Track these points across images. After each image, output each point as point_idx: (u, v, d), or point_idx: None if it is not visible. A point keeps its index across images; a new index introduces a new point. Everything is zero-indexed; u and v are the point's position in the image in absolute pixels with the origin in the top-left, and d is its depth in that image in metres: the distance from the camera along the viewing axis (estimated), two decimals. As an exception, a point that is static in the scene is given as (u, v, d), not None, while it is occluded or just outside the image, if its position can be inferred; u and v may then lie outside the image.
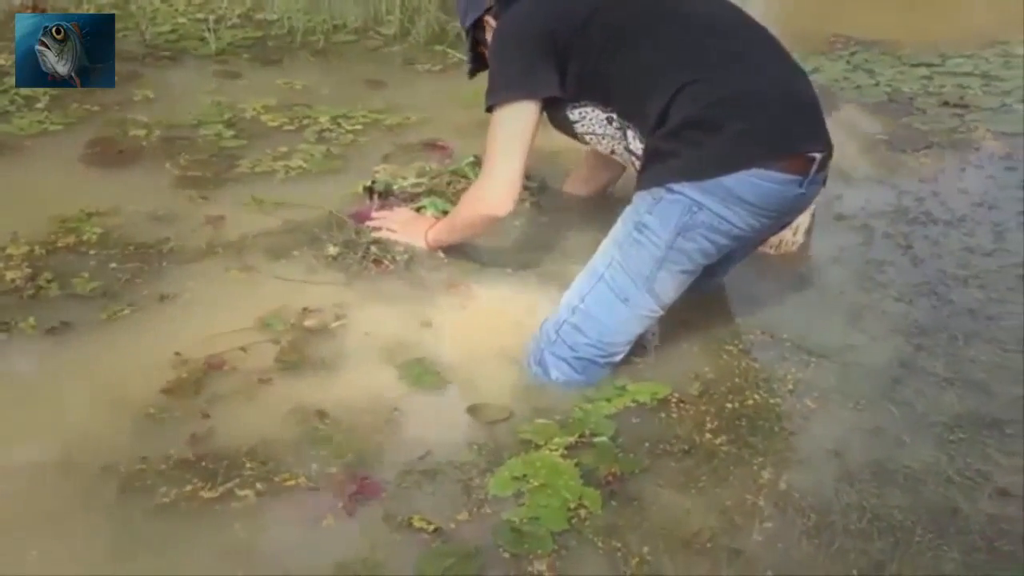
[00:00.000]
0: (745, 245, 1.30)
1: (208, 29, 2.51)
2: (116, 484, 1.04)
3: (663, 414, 1.19)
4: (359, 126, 2.03)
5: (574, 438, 1.12)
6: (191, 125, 2.00)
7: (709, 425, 1.17)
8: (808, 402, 1.24)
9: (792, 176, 1.15)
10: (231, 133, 1.97)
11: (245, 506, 1.02)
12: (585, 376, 1.23)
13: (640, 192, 1.20)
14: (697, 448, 1.13)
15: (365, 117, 2.07)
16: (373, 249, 1.49)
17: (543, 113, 1.30)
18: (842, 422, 1.21)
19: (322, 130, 2.00)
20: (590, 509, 1.03)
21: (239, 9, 2.74)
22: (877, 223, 1.74)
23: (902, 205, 1.82)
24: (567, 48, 1.23)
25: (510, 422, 1.16)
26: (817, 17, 3.02)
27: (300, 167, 1.82)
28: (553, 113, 1.32)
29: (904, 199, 1.85)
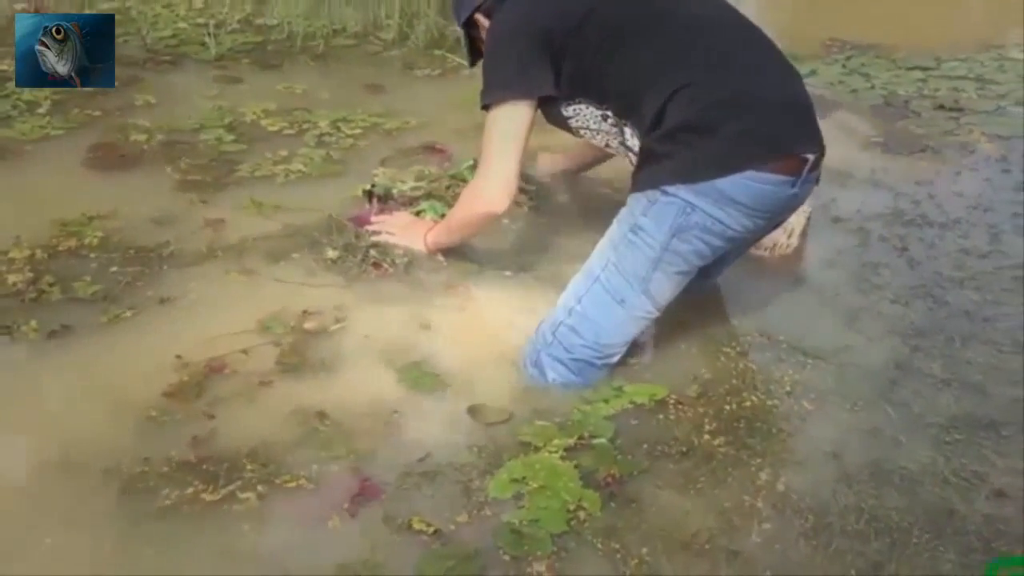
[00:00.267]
0: (739, 246, 1.30)
1: (208, 34, 2.52)
2: (118, 486, 1.04)
3: (661, 416, 1.20)
4: (359, 130, 2.04)
5: (573, 440, 1.13)
6: (192, 129, 2.00)
7: (707, 427, 1.18)
8: (805, 404, 1.25)
9: (785, 177, 1.16)
10: (231, 137, 1.97)
11: (246, 508, 1.02)
12: (581, 378, 1.23)
13: (635, 194, 1.20)
14: (695, 450, 1.14)
15: (364, 121, 2.08)
16: (372, 252, 1.50)
17: (537, 110, 1.30)
18: (839, 423, 1.21)
19: (322, 134, 2.01)
20: (589, 511, 1.03)
21: (239, 14, 2.75)
22: (873, 225, 1.75)
23: (898, 208, 1.83)
24: (562, 48, 1.23)
25: (509, 424, 1.17)
26: (812, 21, 3.04)
27: (300, 171, 1.83)
28: (547, 109, 1.32)
29: (900, 202, 1.86)
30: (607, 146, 1.35)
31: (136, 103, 2.14)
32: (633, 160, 1.27)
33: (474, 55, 1.40)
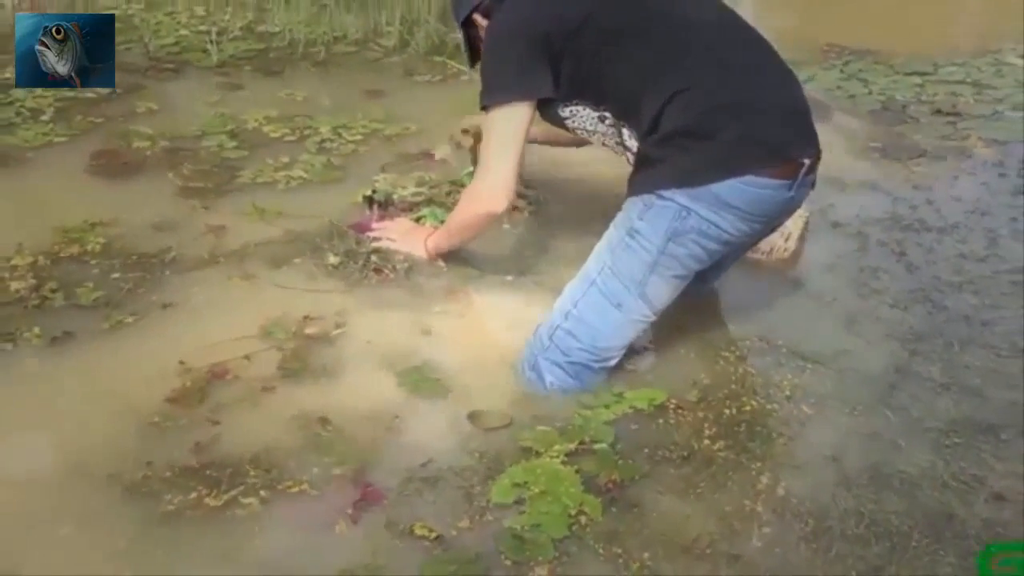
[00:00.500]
0: (736, 250, 1.31)
1: (210, 41, 2.53)
2: (121, 492, 1.05)
3: (661, 420, 1.20)
4: (359, 136, 2.05)
5: (574, 445, 1.14)
6: (194, 136, 2.01)
7: (707, 431, 1.19)
8: (805, 408, 1.25)
9: (781, 181, 1.17)
10: (233, 144, 1.98)
11: (249, 513, 1.03)
12: (579, 381, 1.24)
13: (631, 198, 1.21)
14: (696, 454, 1.15)
15: (365, 127, 2.09)
16: (373, 258, 1.51)
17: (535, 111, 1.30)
18: (839, 428, 1.22)
19: (323, 140, 2.02)
20: (591, 516, 1.04)
21: (241, 21, 2.76)
22: (871, 230, 1.76)
23: (896, 212, 1.84)
24: (561, 50, 1.24)
25: (511, 429, 1.17)
26: (810, 26, 3.05)
27: (301, 177, 1.84)
28: (544, 108, 1.32)
29: (898, 206, 1.86)
30: (604, 145, 1.35)
31: (138, 110, 2.15)
32: (631, 160, 1.27)
33: (473, 55, 1.40)
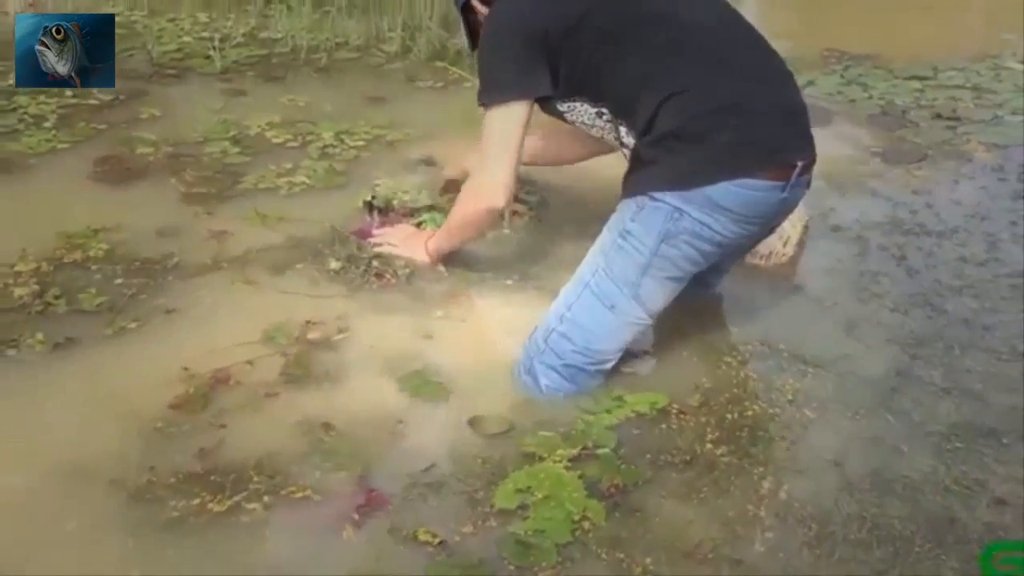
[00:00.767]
0: (734, 252, 1.30)
1: (213, 47, 2.54)
2: (125, 498, 1.05)
3: (664, 425, 1.21)
4: (361, 142, 2.06)
5: (577, 450, 1.14)
6: (196, 142, 2.02)
7: (709, 436, 1.19)
8: (807, 412, 1.25)
9: (774, 182, 1.16)
10: (236, 150, 1.99)
11: (253, 519, 1.03)
12: (574, 384, 1.23)
13: (625, 199, 1.21)
14: (698, 459, 1.15)
15: (367, 133, 2.10)
16: (375, 263, 1.51)
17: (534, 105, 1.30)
18: (841, 432, 1.22)
19: (325, 146, 2.02)
20: (594, 521, 1.04)
21: (244, 28, 2.77)
22: (871, 234, 1.76)
23: (896, 216, 1.84)
24: (559, 48, 1.24)
25: (514, 434, 1.18)
26: (810, 32, 3.06)
27: (303, 183, 1.85)
28: (543, 103, 1.32)
29: (898, 210, 1.87)
30: (602, 138, 1.35)
31: (142, 116, 2.16)
32: (627, 155, 1.27)
33: (473, 38, 1.39)
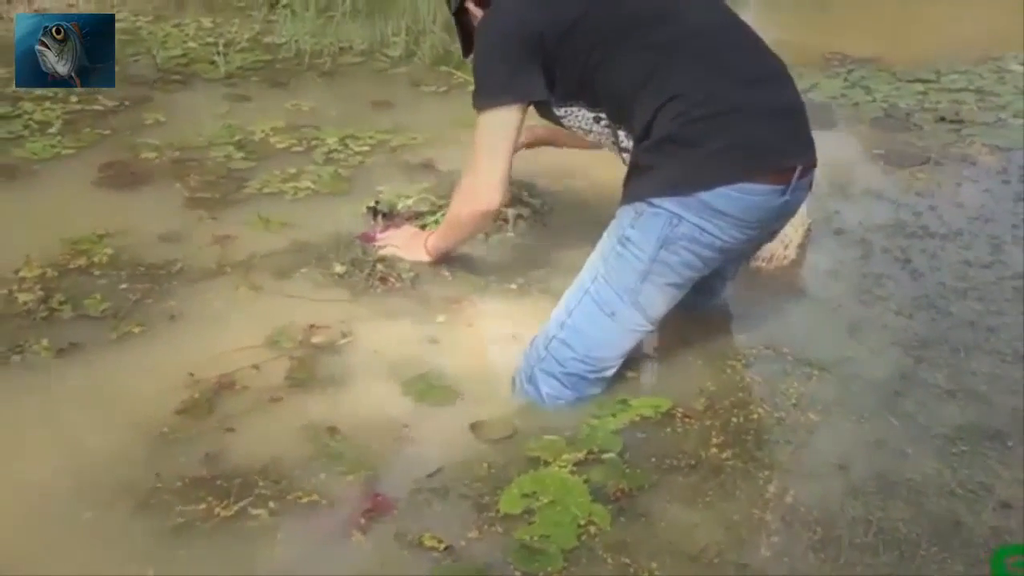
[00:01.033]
0: (736, 258, 1.30)
1: (218, 53, 2.55)
2: (131, 503, 1.05)
3: (669, 429, 1.21)
4: (366, 147, 2.06)
5: (582, 454, 1.14)
6: (201, 147, 2.03)
7: (714, 440, 1.19)
8: (812, 415, 1.25)
9: (773, 187, 1.15)
10: (240, 155, 1.99)
11: (259, 524, 1.03)
12: (575, 392, 1.23)
13: (623, 206, 1.21)
14: (703, 463, 1.15)
15: (372, 138, 2.10)
16: (379, 267, 1.52)
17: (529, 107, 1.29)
18: (845, 435, 1.22)
19: (330, 151, 2.03)
20: (599, 525, 1.04)
21: (248, 33, 2.79)
22: (875, 237, 1.76)
23: (900, 219, 1.84)
24: (554, 52, 1.23)
25: (519, 439, 1.18)
26: (813, 35, 3.06)
27: (308, 188, 1.85)
28: (540, 108, 1.32)
29: (902, 213, 1.87)
30: (600, 145, 1.35)
31: (146, 121, 2.17)
32: (626, 160, 1.27)
33: (467, 43, 1.38)
